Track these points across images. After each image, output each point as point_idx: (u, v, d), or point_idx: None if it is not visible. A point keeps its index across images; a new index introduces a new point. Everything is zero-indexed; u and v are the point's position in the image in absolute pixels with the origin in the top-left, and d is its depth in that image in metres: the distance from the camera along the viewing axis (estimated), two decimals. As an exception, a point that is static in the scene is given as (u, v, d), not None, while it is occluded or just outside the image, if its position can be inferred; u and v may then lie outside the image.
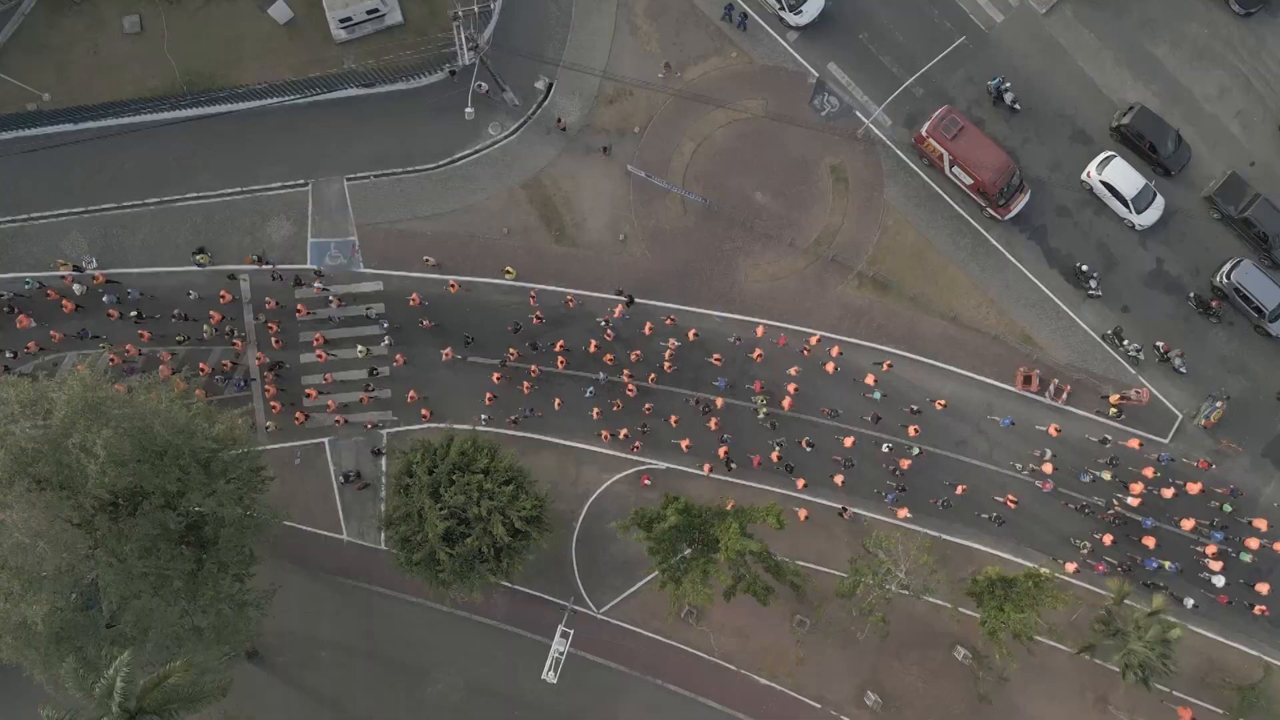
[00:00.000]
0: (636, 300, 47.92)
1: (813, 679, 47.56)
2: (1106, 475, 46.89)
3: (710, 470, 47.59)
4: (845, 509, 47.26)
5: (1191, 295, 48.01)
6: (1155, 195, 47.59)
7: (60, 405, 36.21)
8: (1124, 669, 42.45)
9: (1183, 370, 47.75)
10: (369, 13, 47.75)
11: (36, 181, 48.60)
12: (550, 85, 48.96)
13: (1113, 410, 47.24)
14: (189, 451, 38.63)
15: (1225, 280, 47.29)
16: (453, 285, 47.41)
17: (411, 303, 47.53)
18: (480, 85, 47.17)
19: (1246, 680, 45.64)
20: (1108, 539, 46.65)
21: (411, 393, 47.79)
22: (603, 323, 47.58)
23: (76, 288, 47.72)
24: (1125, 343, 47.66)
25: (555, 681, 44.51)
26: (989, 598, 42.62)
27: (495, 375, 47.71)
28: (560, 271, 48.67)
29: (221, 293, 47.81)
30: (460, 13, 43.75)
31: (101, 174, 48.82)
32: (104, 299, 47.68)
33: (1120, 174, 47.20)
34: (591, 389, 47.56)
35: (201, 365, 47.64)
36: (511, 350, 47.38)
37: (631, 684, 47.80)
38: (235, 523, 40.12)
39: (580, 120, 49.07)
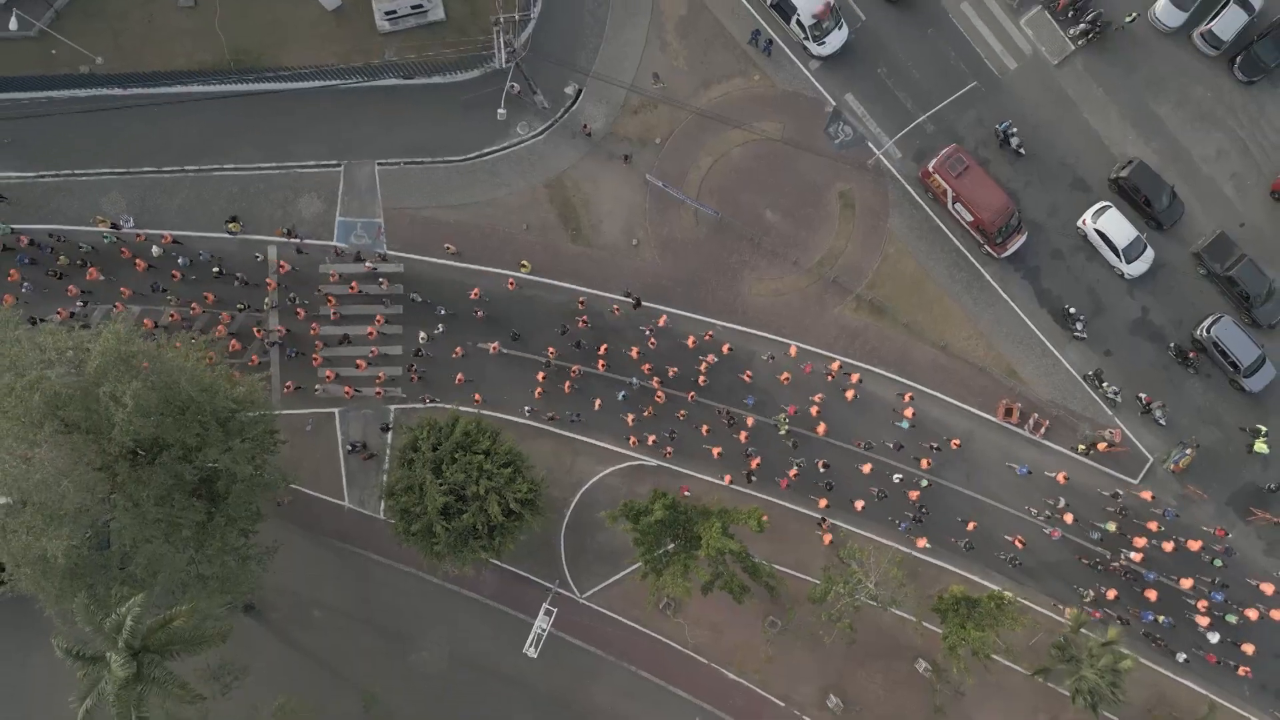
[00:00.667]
0: (644, 303, 50.18)
1: (779, 678, 49.80)
2: (1112, 526, 48.92)
3: (730, 481, 49.71)
4: (824, 520, 49.47)
5: (1172, 345, 50.18)
6: (1146, 247, 49.74)
7: (95, 355, 38.49)
8: (1074, 694, 44.64)
9: (1162, 422, 49.84)
10: (413, 7, 49.93)
11: (82, 140, 50.83)
12: (579, 91, 51.20)
13: (1081, 447, 49.48)
14: (210, 409, 40.92)
15: (1205, 334, 49.44)
16: (511, 283, 49.70)
17: (472, 295, 49.77)
18: (513, 86, 49.40)
19: (1192, 716, 47.83)
20: (1112, 593, 48.73)
21: (460, 376, 49.99)
22: (647, 331, 49.74)
23: (155, 250, 49.91)
24: (1105, 385, 49.83)
25: (535, 657, 46.77)
26: (952, 615, 44.79)
27: (540, 374, 49.88)
28: (574, 270, 50.90)
29: (280, 263, 50.11)
30: (501, 18, 46.03)
31: (145, 139, 51.04)
32: (179, 260, 49.99)
33: (1114, 224, 49.35)
34: (625, 393, 49.73)
35: (256, 329, 50.11)
36: (550, 349, 49.56)
37: (607, 667, 50.07)
38: (246, 480, 42.25)
39: (605, 127, 51.32)
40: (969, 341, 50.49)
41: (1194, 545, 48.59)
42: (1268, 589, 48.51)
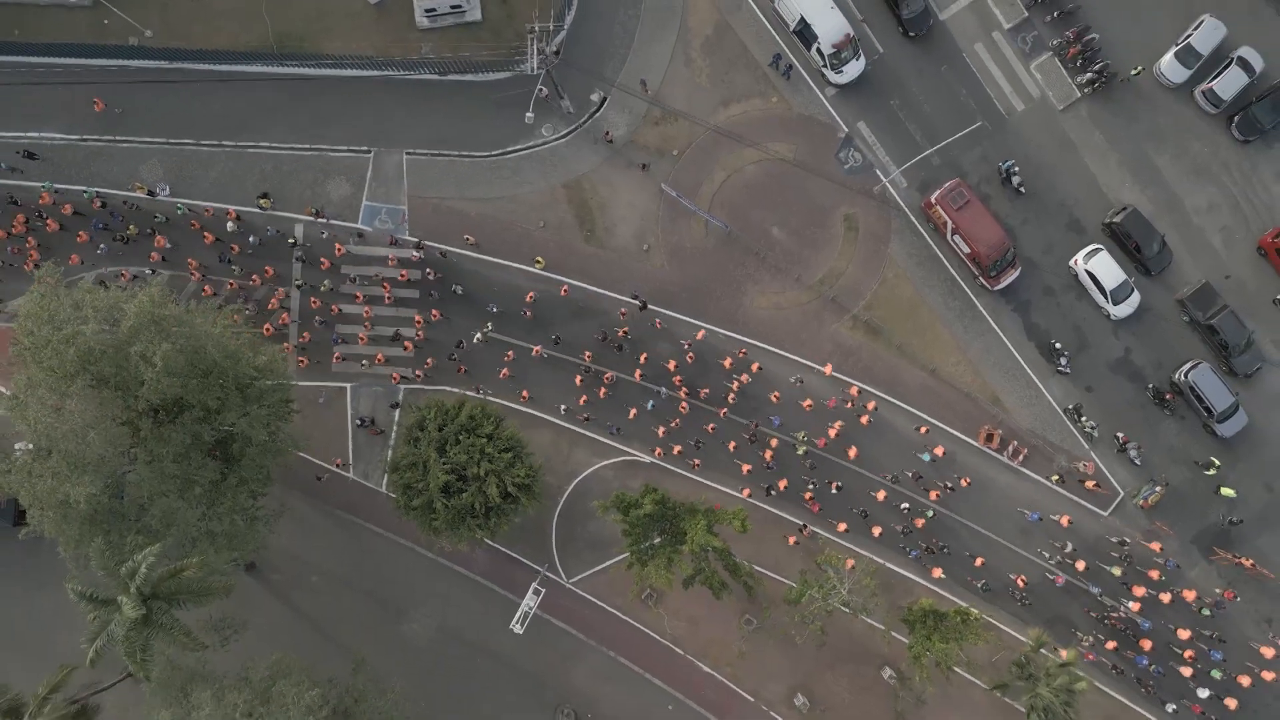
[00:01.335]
0: (649, 306, 52.46)
1: (751, 674, 52.09)
2: (1117, 571, 51.06)
3: (749, 494, 52.01)
4: (805, 526, 51.77)
5: (1150, 386, 52.40)
6: (1133, 291, 51.94)
7: (130, 316, 40.81)
8: (1029, 710, 46.73)
9: (1137, 462, 52.05)
10: (452, 7, 52.18)
11: (126, 109, 53.15)
12: (604, 100, 53.45)
13: (1055, 478, 51.77)
14: (233, 375, 43.23)
15: (1183, 378, 51.63)
16: (564, 290, 52.05)
17: (528, 299, 52.10)
18: (541, 90, 51.70)
19: (1141, 742, 50.16)
20: (1111, 644, 50.97)
21: (505, 371, 52.40)
22: (686, 345, 51.96)
23: (230, 225, 52.43)
24: (1083, 419, 52.07)
25: (521, 632, 49.10)
26: (920, 626, 46.99)
27: (578, 378, 52.11)
28: (584, 269, 53.18)
29: (337, 247, 52.38)
30: (536, 26, 48.35)
31: (186, 112, 53.29)
32: (250, 239, 52.41)
33: (1104, 266, 51.56)
34: (654, 402, 52.03)
35: (313, 299, 52.51)
36: (587, 354, 51.89)
37: (587, 651, 52.41)
38: (260, 445, 44.65)
39: (626, 136, 53.55)
40: (957, 367, 52.71)
41: (1189, 595, 50.76)
42: (1268, 653, 50.41)
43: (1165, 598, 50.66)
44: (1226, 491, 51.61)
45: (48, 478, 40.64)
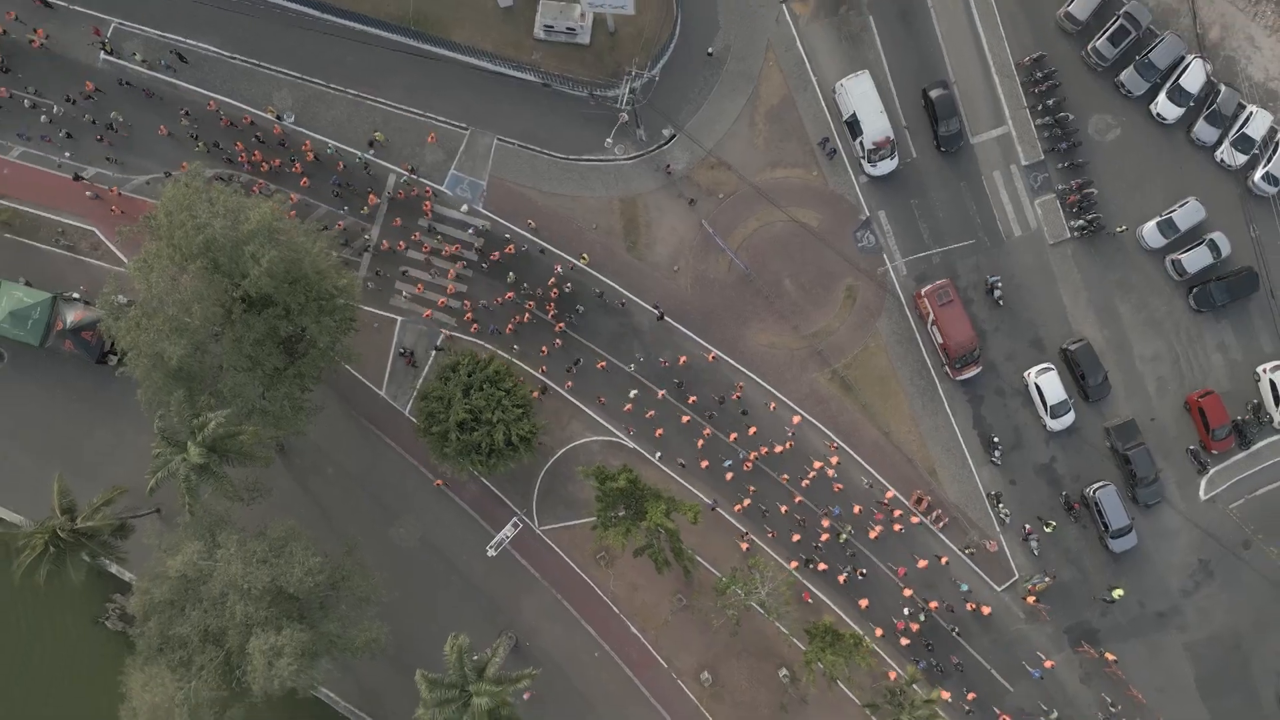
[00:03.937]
0: (666, 318, 61.19)
1: (669, 644, 60.79)
2: None
3: (797, 567, 60.09)
4: (745, 533, 60.55)
5: (1064, 494, 60.98)
6: (1070, 410, 60.38)
7: (251, 221, 49.43)
8: (890, 730, 55.76)
9: (1036, 553, 60.72)
10: (567, 29, 60.91)
11: (274, 41, 62.14)
12: (673, 137, 62.17)
13: (970, 550, 60.44)
14: (316, 288, 51.92)
15: (1091, 494, 60.16)
16: (710, 356, 60.63)
17: (680, 362, 60.34)
18: (623, 116, 60.44)
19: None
20: None
21: (627, 406, 60.83)
22: (789, 432, 60.52)
23: (464, 207, 61.36)
24: (1000, 506, 60.72)
25: (494, 555, 58.01)
26: (819, 639, 55.67)
27: (684, 417, 60.54)
28: (619, 273, 61.89)
29: (508, 247, 60.85)
30: (634, 70, 57.18)
31: (323, 56, 62.22)
32: (469, 232, 60.87)
33: (1050, 384, 60.03)
34: (730, 462, 60.45)
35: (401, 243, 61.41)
36: (692, 398, 60.33)
37: (539, 590, 61.09)
38: (321, 350, 53.36)
39: (683, 171, 62.23)
40: (908, 435, 61.33)
41: None
42: None
43: None
44: (1117, 592, 59.91)
45: (150, 333, 49.29)
